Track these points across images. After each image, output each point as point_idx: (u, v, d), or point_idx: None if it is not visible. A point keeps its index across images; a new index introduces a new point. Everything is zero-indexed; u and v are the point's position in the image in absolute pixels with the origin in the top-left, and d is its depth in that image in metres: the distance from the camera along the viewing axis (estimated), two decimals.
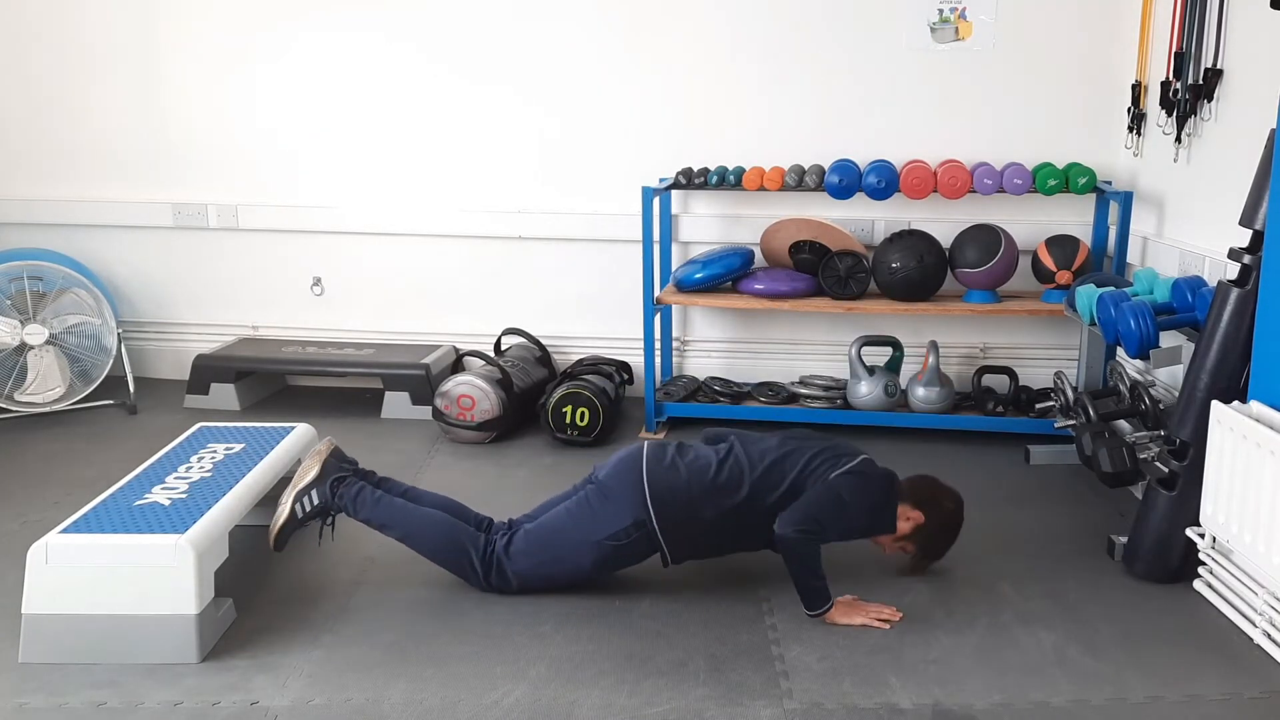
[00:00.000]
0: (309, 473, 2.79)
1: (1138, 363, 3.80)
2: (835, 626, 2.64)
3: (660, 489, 2.72)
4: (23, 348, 4.13)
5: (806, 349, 4.44)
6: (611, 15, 4.27)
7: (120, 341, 4.33)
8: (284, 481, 3.09)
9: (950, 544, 2.90)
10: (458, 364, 4.39)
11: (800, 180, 4.06)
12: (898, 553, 2.87)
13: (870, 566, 2.98)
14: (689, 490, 2.72)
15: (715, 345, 4.52)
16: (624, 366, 4.42)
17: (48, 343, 4.16)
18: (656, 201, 4.08)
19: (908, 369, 4.14)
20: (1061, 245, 3.96)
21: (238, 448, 3.06)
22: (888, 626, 2.64)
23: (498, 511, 3.31)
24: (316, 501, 2.76)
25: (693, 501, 2.71)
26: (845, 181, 3.98)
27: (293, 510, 2.74)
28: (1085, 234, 4.10)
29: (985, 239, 3.95)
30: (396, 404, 4.27)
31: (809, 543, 2.63)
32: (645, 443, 2.87)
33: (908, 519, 2.80)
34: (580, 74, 4.33)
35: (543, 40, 4.32)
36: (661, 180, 4.21)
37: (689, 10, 4.24)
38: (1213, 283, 2.95)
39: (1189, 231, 3.67)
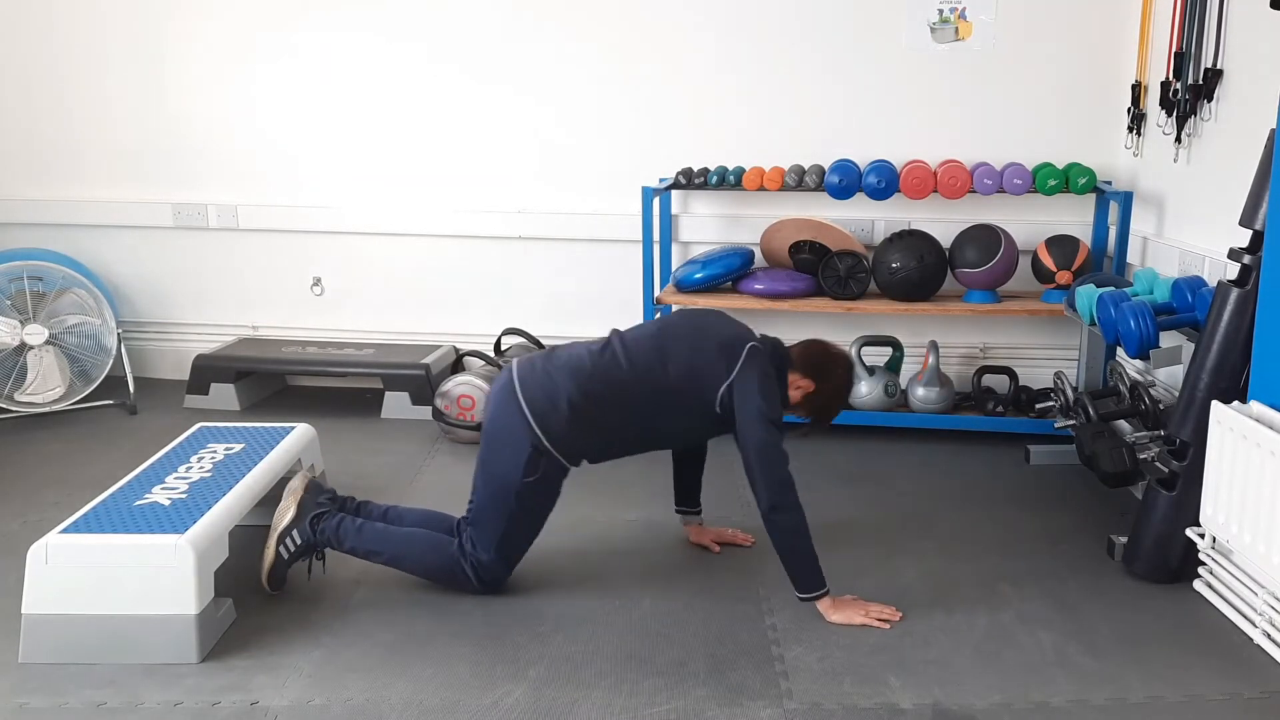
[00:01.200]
0: (286, 514, 2.77)
1: (1138, 363, 3.80)
2: (836, 627, 2.63)
3: (540, 405, 2.64)
4: (23, 348, 4.13)
5: None
6: (611, 15, 4.27)
7: (120, 341, 4.34)
8: (284, 481, 3.09)
9: (842, 406, 2.88)
10: (458, 364, 4.40)
11: (800, 180, 4.06)
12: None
13: (870, 567, 2.99)
14: (567, 392, 2.63)
15: None
16: None
17: (48, 343, 4.16)
18: (656, 201, 4.08)
19: (908, 369, 4.14)
20: (1061, 245, 3.96)
21: (238, 448, 3.06)
22: (887, 626, 2.63)
23: None
24: (299, 541, 2.74)
25: (574, 403, 2.63)
26: (845, 181, 3.98)
27: (277, 553, 2.73)
28: (1085, 234, 4.10)
29: (985, 239, 3.95)
30: (396, 404, 4.27)
31: (782, 523, 2.61)
32: (514, 362, 2.78)
33: (797, 388, 2.78)
34: (580, 74, 4.34)
35: (543, 40, 4.32)
36: (661, 180, 4.21)
37: (689, 10, 4.24)
38: (1213, 283, 2.95)
39: (1189, 231, 3.67)
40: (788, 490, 2.63)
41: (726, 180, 4.11)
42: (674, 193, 4.33)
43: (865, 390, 4.02)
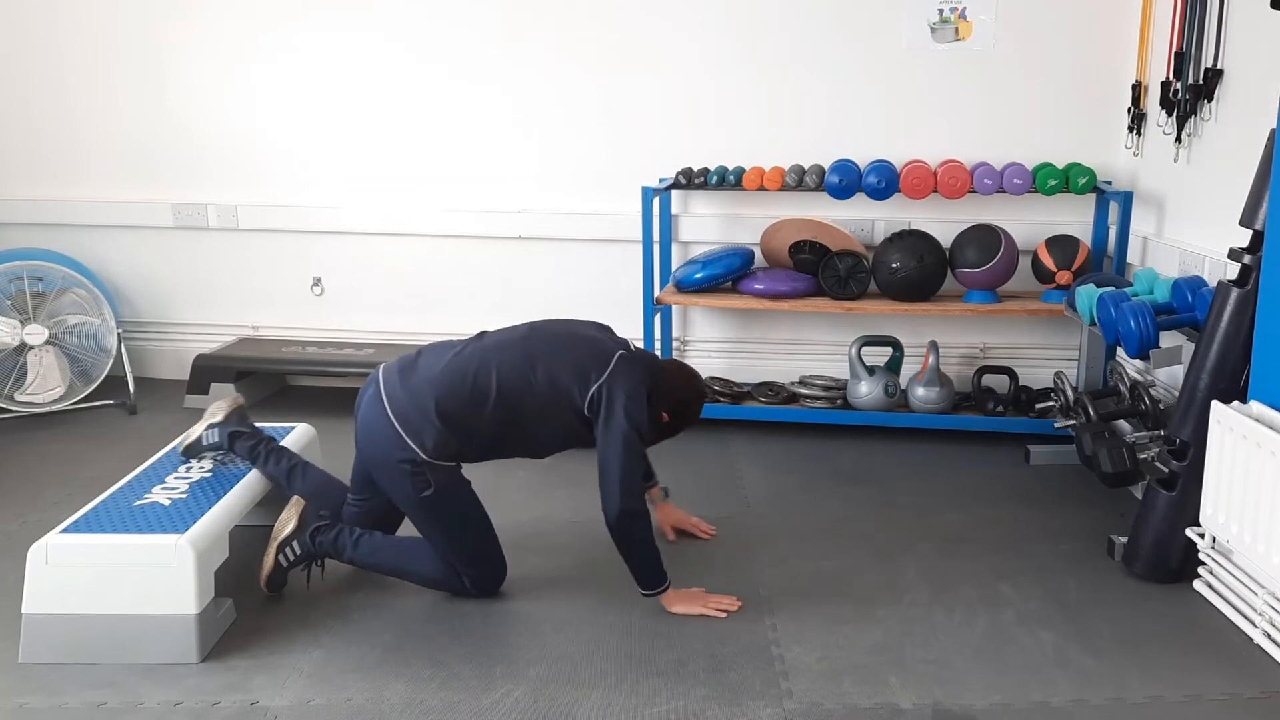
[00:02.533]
0: (288, 525, 2.79)
1: (1138, 363, 3.80)
2: (836, 627, 2.63)
3: (410, 421, 2.62)
4: (23, 348, 4.13)
5: (806, 349, 4.44)
6: (612, 15, 4.27)
7: (120, 341, 4.34)
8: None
9: (698, 411, 2.93)
10: None
11: (800, 180, 4.06)
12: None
13: (870, 567, 2.99)
14: (439, 408, 2.61)
15: (715, 345, 4.52)
16: None
17: (48, 343, 4.16)
18: (656, 201, 4.08)
19: (908, 369, 4.14)
20: (1061, 245, 3.96)
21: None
22: (724, 615, 2.66)
23: (497, 512, 3.31)
24: (299, 551, 2.76)
25: (442, 413, 2.62)
26: (845, 181, 3.98)
27: (276, 561, 2.75)
28: (1085, 234, 4.10)
29: (985, 239, 3.95)
30: None
31: (623, 530, 2.62)
32: (379, 370, 2.75)
33: (658, 419, 2.80)
34: (580, 74, 4.33)
35: (543, 40, 4.32)
36: (661, 180, 4.21)
37: (689, 10, 4.24)
38: (1213, 283, 2.95)
39: (1189, 231, 3.67)
40: (638, 498, 2.67)
41: (726, 180, 4.11)
42: (674, 193, 4.33)
43: (865, 390, 4.01)
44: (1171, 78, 3.64)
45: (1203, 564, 2.81)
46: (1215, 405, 2.69)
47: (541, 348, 2.73)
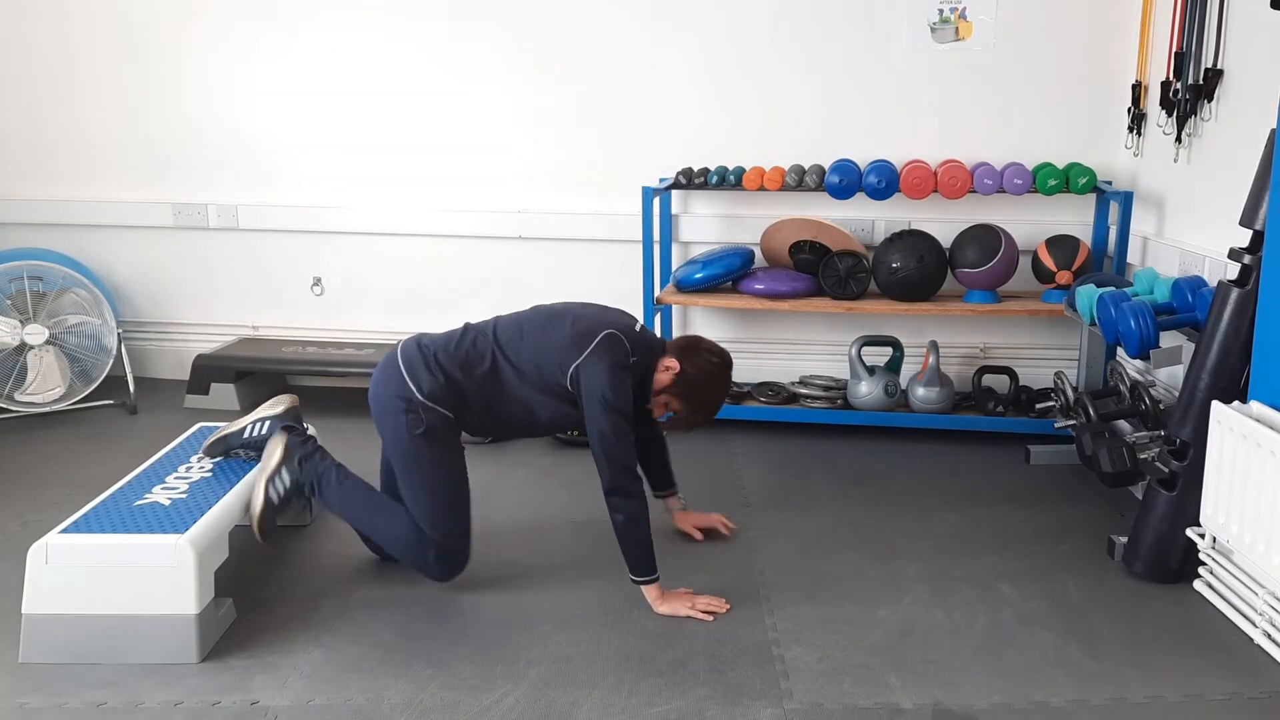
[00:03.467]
0: (274, 455, 2.79)
1: (1138, 363, 3.80)
2: (836, 627, 2.63)
3: (411, 366, 2.73)
4: (23, 348, 4.13)
5: (806, 349, 4.44)
6: (611, 15, 4.27)
7: (120, 341, 4.34)
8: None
9: (718, 396, 2.90)
10: None
11: (800, 180, 4.06)
12: (666, 410, 2.88)
13: (870, 567, 2.99)
14: (437, 360, 2.73)
15: None
16: None
17: (48, 343, 4.16)
18: (656, 201, 4.08)
19: (908, 369, 4.14)
20: (1061, 245, 3.96)
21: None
22: (711, 619, 2.64)
23: (497, 512, 3.32)
24: (288, 481, 2.77)
25: (443, 369, 2.72)
26: (845, 181, 3.98)
27: (267, 496, 2.74)
28: (1085, 234, 4.10)
29: (985, 239, 3.95)
30: None
31: (617, 511, 2.64)
32: (400, 341, 2.85)
33: (666, 368, 2.80)
34: (580, 74, 4.33)
35: (543, 40, 4.32)
36: (661, 180, 4.21)
37: (689, 10, 4.24)
38: (1213, 283, 2.95)
39: (1189, 231, 3.67)
40: (628, 476, 2.67)
41: (726, 180, 4.11)
42: (674, 193, 4.33)
43: (865, 390, 4.01)
44: (1171, 78, 3.64)
45: (1203, 564, 2.81)
46: (1215, 405, 2.69)
47: (535, 322, 2.82)
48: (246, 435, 2.95)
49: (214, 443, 2.97)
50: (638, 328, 2.84)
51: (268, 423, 2.95)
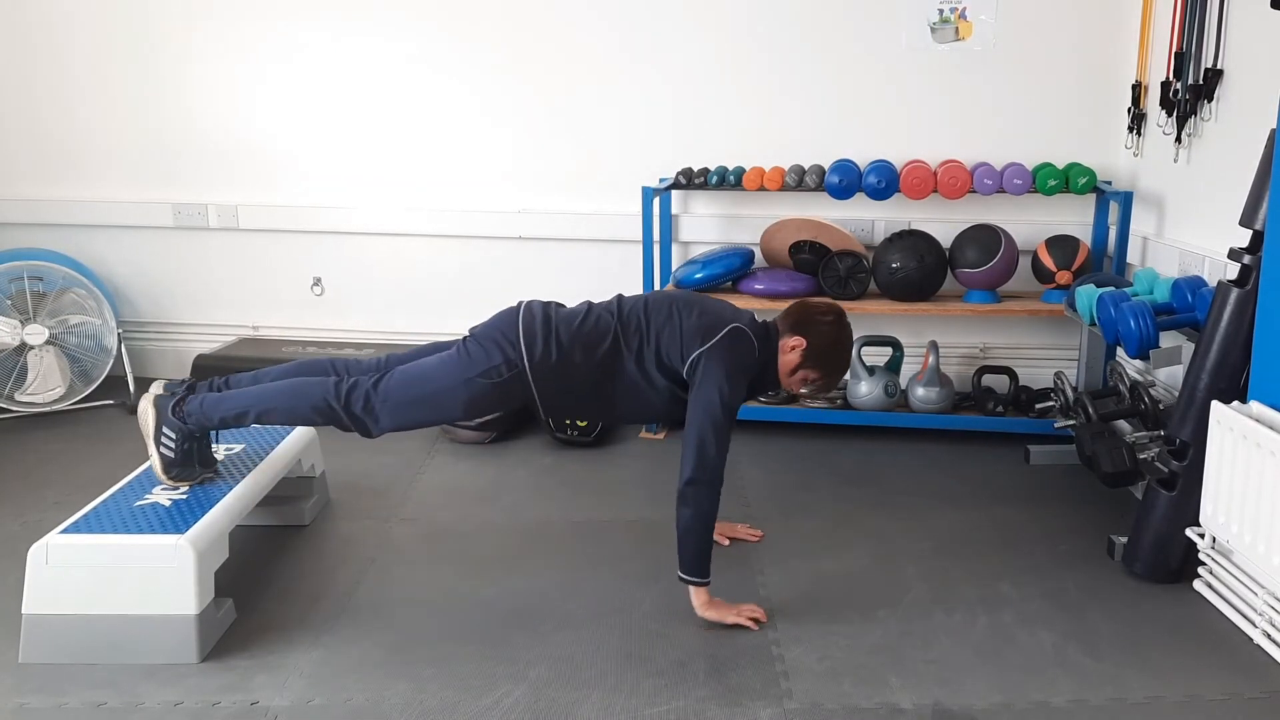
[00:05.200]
0: (148, 416, 2.75)
1: (1138, 363, 3.80)
2: (836, 627, 2.63)
3: (531, 333, 2.73)
4: (23, 348, 4.13)
5: None
6: (611, 15, 4.27)
7: (120, 341, 4.34)
8: (285, 481, 3.10)
9: (846, 353, 2.89)
10: None
11: (800, 180, 4.06)
12: (805, 384, 2.86)
13: (870, 567, 2.99)
14: (558, 334, 2.73)
15: None
16: None
17: (48, 343, 4.16)
18: (656, 201, 4.08)
19: (908, 369, 4.14)
20: (1061, 245, 3.96)
21: (238, 448, 3.06)
22: (755, 627, 2.61)
23: (497, 513, 3.33)
24: (174, 435, 2.73)
25: (562, 346, 2.71)
26: (845, 181, 3.98)
27: (161, 454, 2.72)
28: (1085, 234, 4.10)
29: (985, 239, 3.95)
30: None
31: (695, 503, 2.59)
32: (523, 300, 2.86)
33: (791, 348, 2.79)
34: (580, 74, 4.33)
35: (543, 40, 4.32)
36: (661, 180, 4.21)
37: (689, 10, 4.24)
38: (1213, 283, 2.95)
39: (1189, 231, 3.67)
40: (712, 472, 2.62)
41: (726, 180, 4.11)
42: (674, 193, 4.33)
43: (865, 390, 4.01)
44: (1171, 78, 3.64)
45: (1203, 564, 2.81)
46: (1215, 405, 2.69)
47: (659, 307, 2.80)
48: (173, 456, 2.74)
49: (166, 474, 2.76)
50: (758, 319, 2.84)
51: (165, 429, 2.74)
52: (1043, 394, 3.91)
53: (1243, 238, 2.79)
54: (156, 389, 2.81)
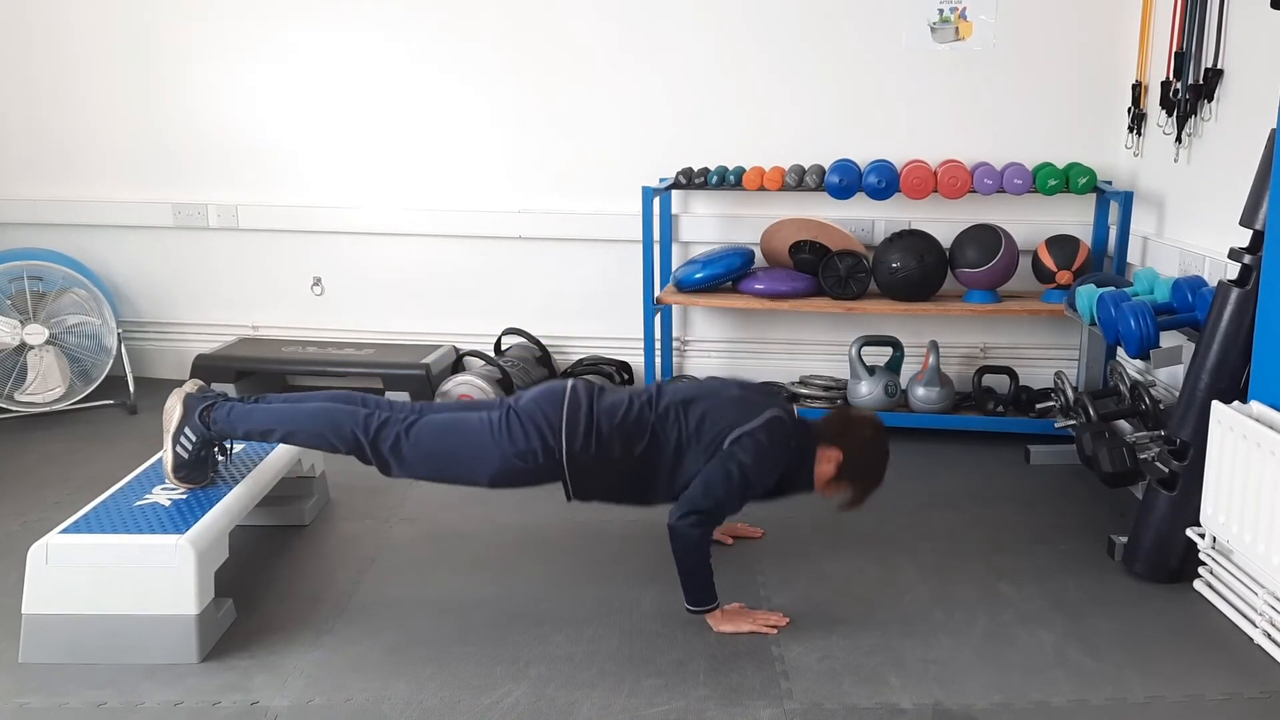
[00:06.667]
0: (174, 414, 2.74)
1: (1138, 363, 3.80)
2: (837, 627, 2.63)
3: (574, 423, 2.68)
4: (23, 348, 4.13)
5: (806, 349, 4.45)
6: (612, 15, 4.27)
7: (120, 341, 4.34)
8: (285, 481, 3.10)
9: (881, 469, 2.83)
10: (458, 364, 4.40)
11: (800, 180, 4.06)
12: (839, 494, 2.82)
13: (870, 567, 2.99)
14: (599, 427, 2.68)
15: (715, 345, 4.52)
16: (624, 367, 4.43)
17: (48, 343, 4.16)
18: (656, 201, 4.08)
19: (908, 369, 4.14)
20: (1061, 245, 3.96)
21: (238, 448, 3.06)
22: (774, 632, 2.60)
23: (497, 513, 3.32)
24: (194, 438, 2.72)
25: (601, 439, 2.68)
26: (845, 181, 3.98)
27: (175, 453, 2.71)
28: (1085, 234, 4.10)
29: (985, 239, 3.95)
30: None
31: (691, 536, 2.59)
32: (571, 380, 2.81)
33: (828, 460, 2.75)
34: (580, 74, 4.33)
35: (543, 40, 4.32)
36: (661, 180, 4.21)
37: (689, 10, 4.24)
38: (1213, 283, 2.95)
39: (1189, 231, 3.67)
40: (710, 518, 2.62)
41: (726, 180, 4.11)
42: (674, 193, 4.33)
43: (865, 390, 4.02)
44: (1171, 78, 3.64)
45: (1203, 564, 2.81)
46: (1215, 405, 2.69)
47: (703, 393, 2.78)
48: (186, 456, 2.73)
49: (174, 471, 2.75)
50: (787, 409, 2.80)
51: (186, 429, 2.73)
52: (1043, 394, 3.91)
53: (1243, 237, 2.79)
54: (190, 388, 2.81)
